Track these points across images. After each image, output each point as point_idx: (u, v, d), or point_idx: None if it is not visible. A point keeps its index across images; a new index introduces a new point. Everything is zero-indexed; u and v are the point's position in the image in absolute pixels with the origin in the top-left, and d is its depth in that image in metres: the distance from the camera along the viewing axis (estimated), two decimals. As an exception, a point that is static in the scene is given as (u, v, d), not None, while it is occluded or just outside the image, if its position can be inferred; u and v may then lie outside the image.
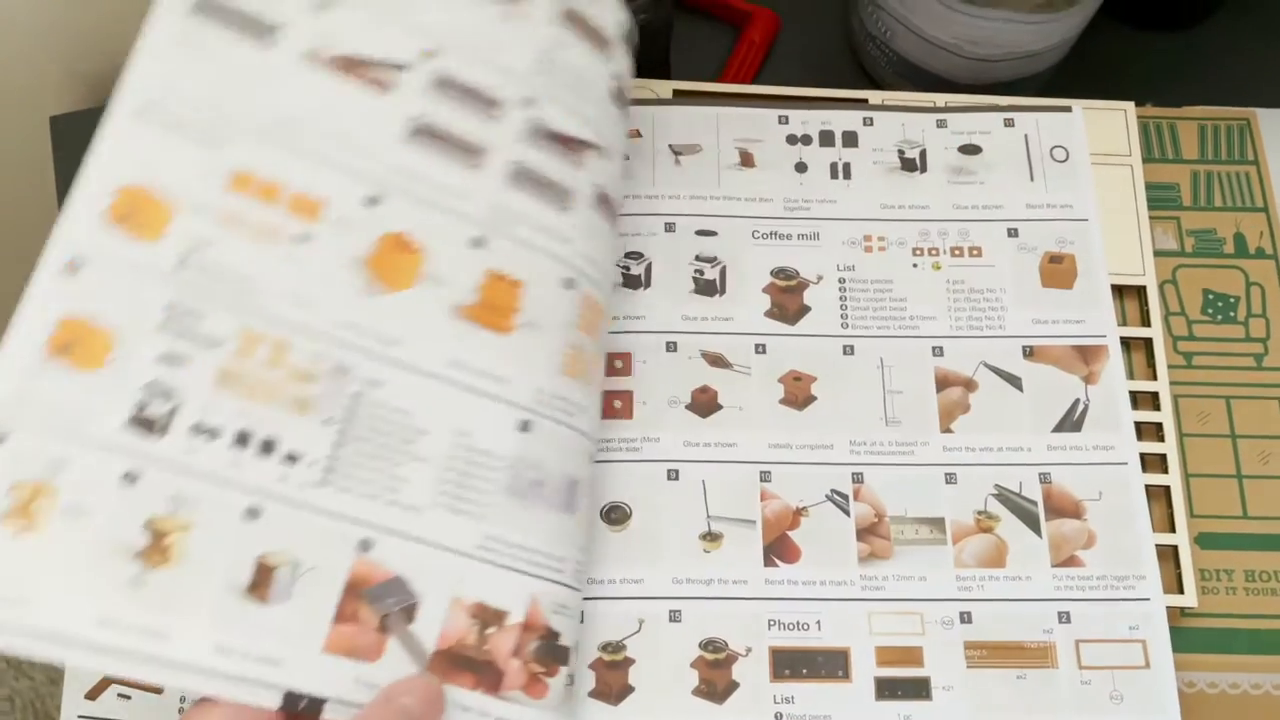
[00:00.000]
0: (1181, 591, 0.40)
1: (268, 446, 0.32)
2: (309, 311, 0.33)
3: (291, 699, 0.30)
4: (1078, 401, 0.43)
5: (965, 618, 0.39)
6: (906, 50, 0.49)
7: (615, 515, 0.41)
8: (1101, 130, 0.47)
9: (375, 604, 0.32)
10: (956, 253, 0.45)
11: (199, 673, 0.30)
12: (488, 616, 0.33)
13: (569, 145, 0.37)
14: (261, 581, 0.31)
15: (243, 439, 0.31)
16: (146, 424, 0.31)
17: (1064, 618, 0.39)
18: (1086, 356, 0.43)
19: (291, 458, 0.32)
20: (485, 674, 0.33)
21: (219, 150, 0.33)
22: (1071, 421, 0.42)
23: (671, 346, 0.43)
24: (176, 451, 0.31)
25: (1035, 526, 0.41)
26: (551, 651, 0.34)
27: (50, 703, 1.03)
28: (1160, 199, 0.47)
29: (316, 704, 0.31)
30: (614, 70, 0.40)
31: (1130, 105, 0.48)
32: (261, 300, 0.32)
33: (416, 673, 0.32)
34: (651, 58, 0.50)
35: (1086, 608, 0.40)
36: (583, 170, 0.37)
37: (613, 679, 0.38)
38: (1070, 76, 0.49)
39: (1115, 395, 0.43)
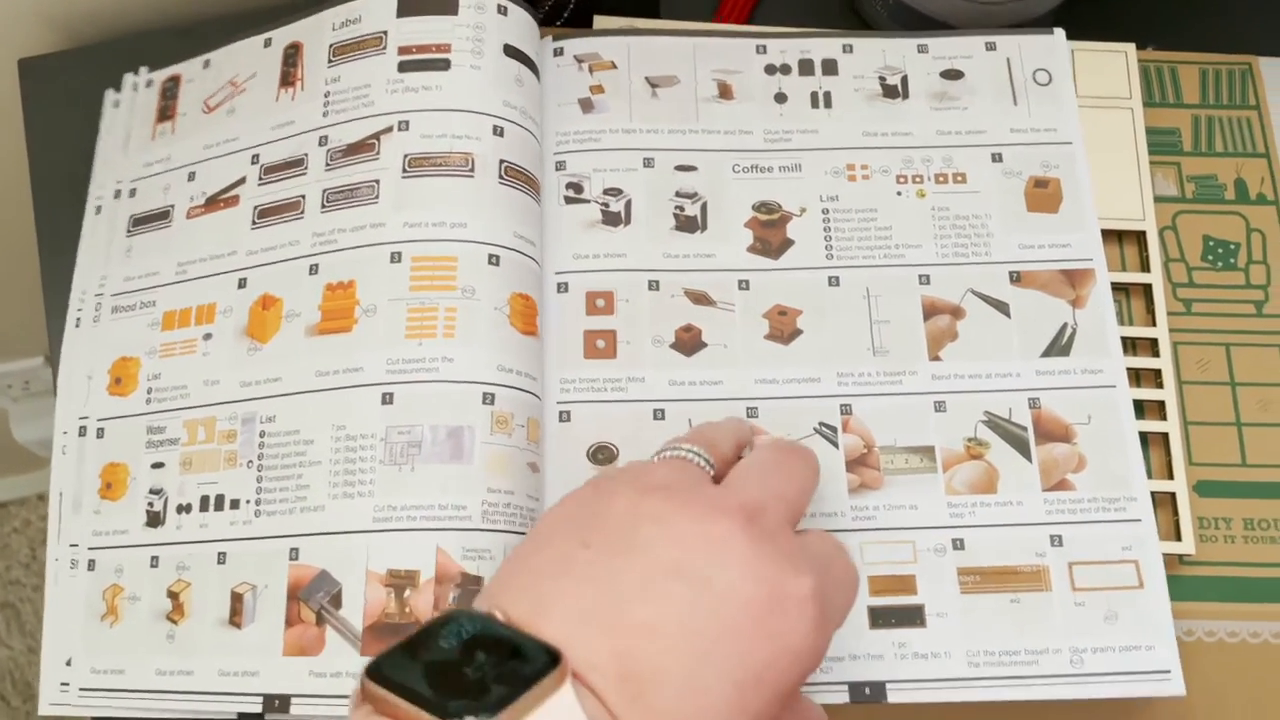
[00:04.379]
0: (1179, 539, 0.40)
1: (219, 502, 0.39)
2: (221, 388, 0.41)
3: (268, 701, 0.36)
4: (1065, 325, 0.42)
5: (958, 544, 0.39)
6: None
7: (602, 456, 0.40)
8: (1102, 73, 0.46)
9: (309, 600, 0.37)
10: (941, 179, 0.44)
11: (211, 698, 0.37)
12: (401, 581, 0.36)
13: (360, 149, 0.42)
14: (236, 610, 0.38)
15: (205, 503, 0.40)
16: (154, 519, 0.41)
17: (1056, 541, 0.39)
18: (1073, 280, 0.43)
19: (234, 504, 0.39)
20: None
21: (153, 308, 0.44)
22: (1060, 346, 0.42)
23: (654, 285, 0.42)
24: (171, 530, 0.40)
25: (1025, 452, 0.40)
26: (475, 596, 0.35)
27: (29, 671, 1.03)
28: (1161, 144, 0.46)
29: (285, 701, 0.36)
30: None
31: (1131, 47, 0.46)
32: (193, 396, 0.41)
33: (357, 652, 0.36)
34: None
35: (1078, 530, 0.39)
36: (381, 154, 0.41)
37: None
38: (1072, 19, 0.48)
39: (1103, 318, 0.42)
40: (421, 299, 0.38)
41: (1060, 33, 0.47)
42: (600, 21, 0.48)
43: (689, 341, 0.42)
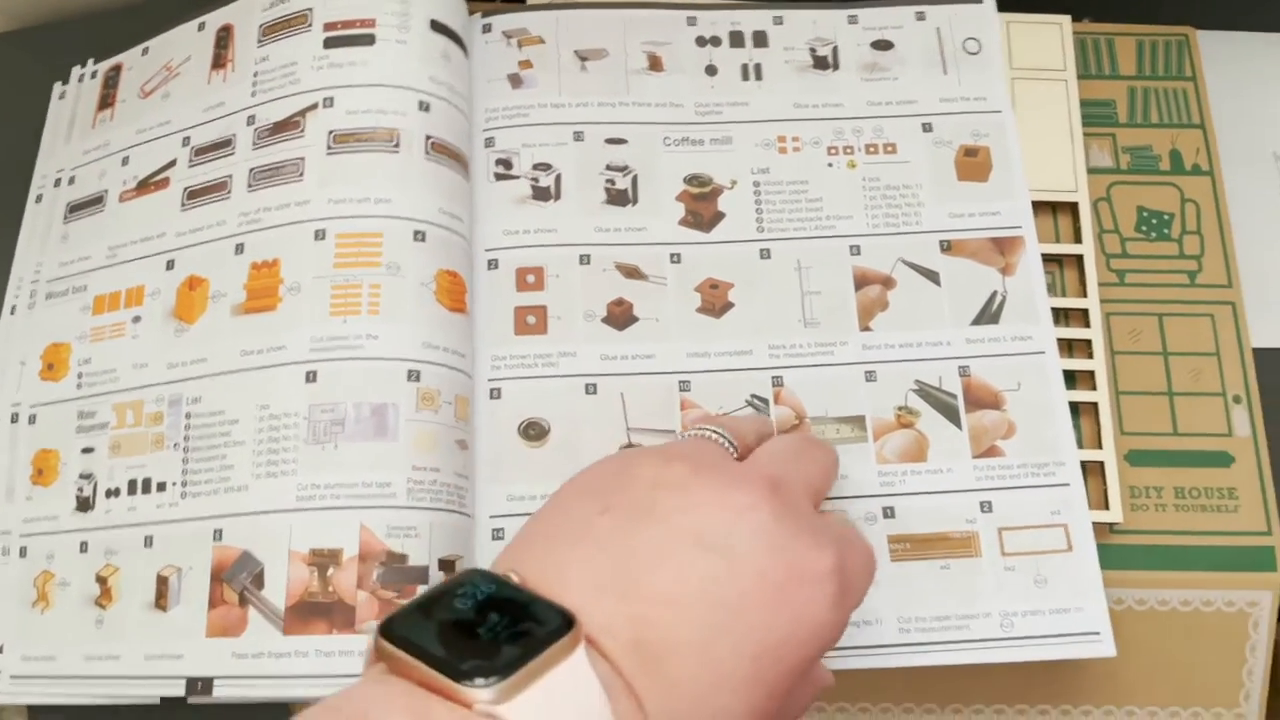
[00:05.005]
0: (1108, 508, 0.40)
1: (146, 485, 0.39)
2: (149, 370, 0.40)
3: (191, 683, 0.36)
4: (995, 294, 0.42)
5: (888, 512, 0.39)
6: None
7: (533, 431, 0.40)
8: (1037, 44, 0.46)
9: (231, 581, 0.36)
10: (871, 150, 0.44)
11: (137, 681, 0.37)
12: (324, 559, 0.35)
13: (285, 127, 0.41)
14: (161, 593, 0.37)
15: (132, 487, 0.39)
16: (83, 504, 0.40)
17: (986, 507, 0.40)
18: (1003, 248, 0.43)
19: (161, 486, 0.39)
20: (339, 614, 0.35)
21: (84, 293, 0.43)
22: (989, 313, 0.42)
23: (585, 259, 0.42)
24: (100, 515, 0.40)
25: (955, 419, 0.41)
26: (402, 574, 0.36)
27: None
28: (1096, 115, 0.46)
29: (208, 684, 0.36)
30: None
31: (1067, 19, 0.46)
32: (122, 380, 0.41)
33: (279, 633, 0.35)
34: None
35: (1008, 495, 0.40)
36: (306, 131, 0.41)
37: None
38: None
39: (1032, 285, 0.42)
40: (346, 276, 0.38)
41: (990, 2, 0.47)
42: None
43: (620, 316, 0.42)
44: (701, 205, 0.43)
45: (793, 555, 0.27)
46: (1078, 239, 0.44)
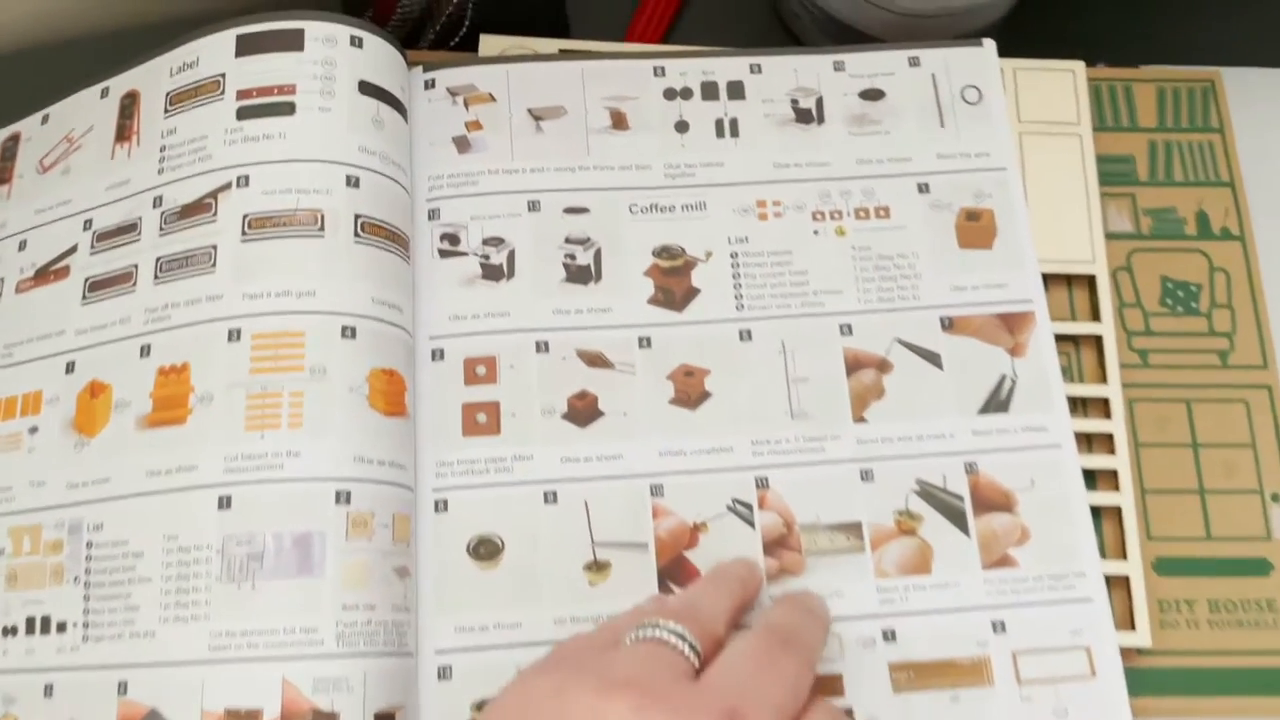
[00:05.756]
0: (1134, 628, 0.35)
1: (45, 624, 0.34)
2: (47, 490, 0.35)
3: None
4: (1004, 378, 0.38)
5: (889, 635, 0.35)
6: (833, 6, 0.43)
7: (484, 550, 0.35)
8: (1048, 95, 0.42)
9: None
10: (862, 214, 0.40)
11: None
12: None
13: (196, 210, 0.36)
14: None
15: (30, 625, 0.34)
16: None
17: (999, 627, 0.35)
18: (1011, 325, 0.38)
19: (61, 626, 0.34)
20: None
21: None
22: (998, 401, 0.37)
23: (542, 346, 0.37)
24: None
25: (962, 524, 0.36)
26: None
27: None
28: (1113, 173, 0.41)
29: None
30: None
31: (1080, 65, 0.42)
32: (18, 500, 0.36)
33: None
34: (545, 13, 0.43)
35: (1023, 613, 0.35)
36: (219, 214, 0.36)
37: (491, 742, 0.33)
38: (1013, 34, 0.43)
39: (1045, 368, 0.38)
40: (263, 383, 0.33)
41: (990, 44, 0.42)
42: (486, 44, 0.42)
43: (584, 410, 0.37)
44: (673, 280, 0.39)
45: None
46: (1095, 316, 0.39)
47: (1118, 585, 0.36)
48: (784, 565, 0.36)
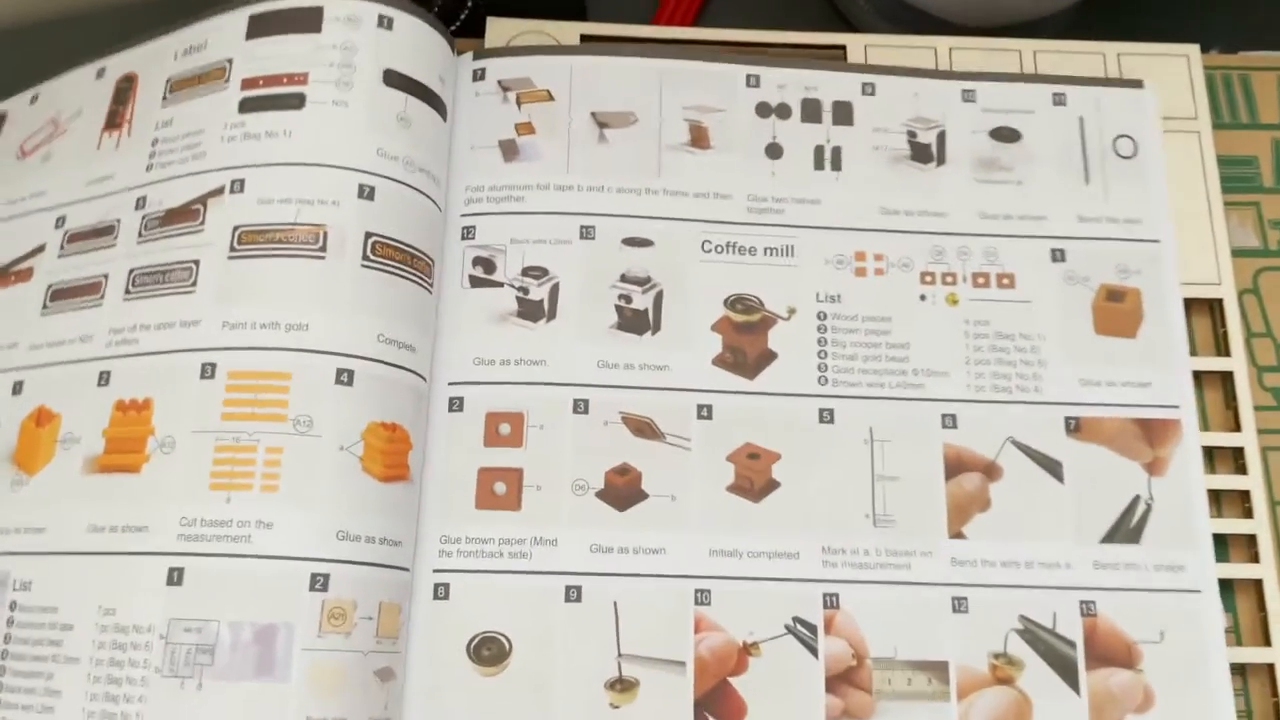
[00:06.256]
0: None
1: None
2: None
3: None
4: (1137, 500, 0.31)
5: (971, 812, 0.28)
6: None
7: (488, 652, 0.29)
8: (1159, 85, 0.35)
9: None
10: (980, 281, 0.33)
11: None
12: None
13: (181, 216, 0.30)
14: None
15: None
16: None
17: (1107, 817, 0.28)
18: (1152, 435, 0.32)
19: None
20: None
21: None
22: (1127, 529, 0.31)
23: (581, 406, 0.31)
24: None
25: (1072, 678, 0.30)
26: None
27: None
28: (1235, 178, 0.35)
29: None
30: None
31: (1194, 49, 0.36)
32: None
33: None
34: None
35: (1138, 803, 0.29)
36: (207, 224, 0.30)
37: None
38: (1103, 12, 0.37)
39: (1189, 492, 0.31)
40: (236, 433, 0.27)
41: (1151, 90, 0.35)
42: (494, 29, 0.35)
43: (623, 490, 0.31)
44: (746, 339, 0.32)
45: None
46: (1220, 349, 0.33)
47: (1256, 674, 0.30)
48: (849, 708, 0.29)
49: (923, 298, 0.33)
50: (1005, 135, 0.35)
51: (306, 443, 0.27)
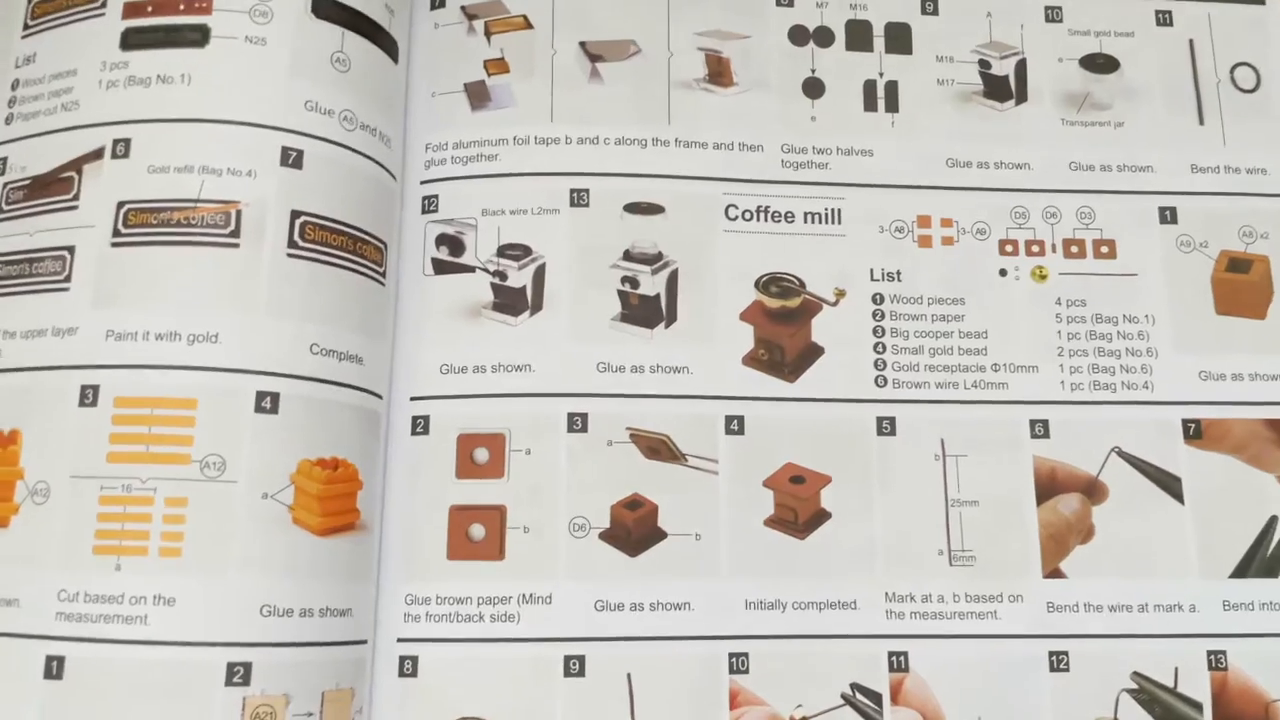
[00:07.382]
0: None
1: None
2: None
3: None
4: (1274, 521, 0.27)
5: None
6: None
7: (470, 745, 0.24)
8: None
9: None
10: (1074, 251, 0.29)
11: None
12: None
13: (49, 187, 0.24)
14: None
15: None
16: None
17: None
18: (1290, 441, 0.27)
19: None
20: None
21: None
22: (1263, 559, 0.27)
23: (578, 422, 0.27)
24: None
25: (1199, 750, 0.25)
26: None
27: None
28: None
29: None
30: None
31: None
32: None
33: None
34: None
35: None
36: (82, 198, 0.24)
37: None
38: None
39: (1338, 512, 0.27)
40: (127, 479, 0.22)
41: (1276, 7, 0.31)
42: None
43: (635, 528, 0.26)
44: (783, 331, 0.28)
45: None
46: None
47: None
48: (924, 796, 0.24)
49: (1003, 273, 0.29)
50: (1099, 64, 0.30)
51: (218, 491, 0.22)
